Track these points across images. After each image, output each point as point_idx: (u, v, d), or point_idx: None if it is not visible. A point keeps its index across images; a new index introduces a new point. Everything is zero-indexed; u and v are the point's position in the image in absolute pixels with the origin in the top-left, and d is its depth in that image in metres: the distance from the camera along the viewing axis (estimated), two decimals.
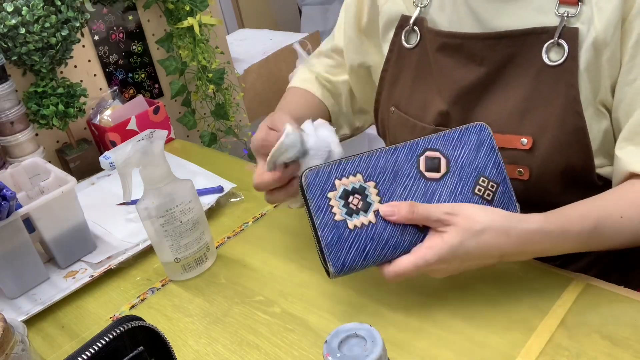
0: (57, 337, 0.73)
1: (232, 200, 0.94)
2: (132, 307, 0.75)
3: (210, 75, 1.34)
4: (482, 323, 0.61)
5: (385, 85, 0.84)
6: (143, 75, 1.32)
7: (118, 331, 0.46)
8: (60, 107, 1.07)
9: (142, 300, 0.76)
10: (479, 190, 0.62)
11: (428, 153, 0.63)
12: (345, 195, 0.60)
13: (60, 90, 1.08)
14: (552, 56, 0.66)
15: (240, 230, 0.86)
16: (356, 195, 0.60)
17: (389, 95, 0.84)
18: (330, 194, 0.59)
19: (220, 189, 0.93)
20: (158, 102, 1.18)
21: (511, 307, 0.62)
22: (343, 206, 0.59)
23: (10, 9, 0.98)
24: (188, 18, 1.26)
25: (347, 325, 0.47)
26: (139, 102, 1.17)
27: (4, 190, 0.72)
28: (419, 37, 0.78)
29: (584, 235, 0.61)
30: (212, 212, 0.91)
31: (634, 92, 0.64)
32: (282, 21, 3.41)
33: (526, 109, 0.69)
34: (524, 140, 0.68)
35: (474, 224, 0.58)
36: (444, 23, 0.76)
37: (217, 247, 0.83)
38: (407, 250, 0.60)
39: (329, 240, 0.58)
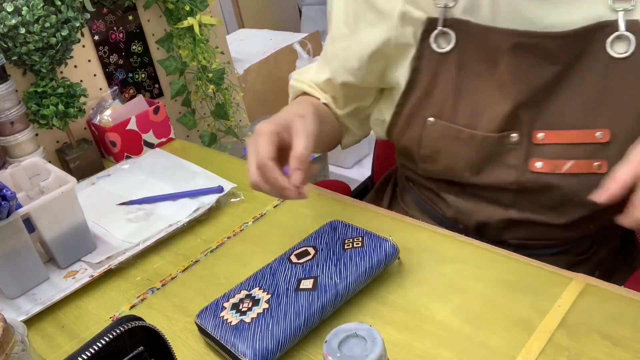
0: (57, 337, 0.73)
1: (232, 200, 0.94)
2: (132, 307, 0.75)
3: (210, 75, 1.34)
4: (482, 323, 0.61)
5: (414, 97, 0.78)
6: (143, 75, 1.32)
7: (118, 331, 0.46)
8: (60, 107, 1.07)
9: (142, 300, 0.76)
10: (347, 245, 0.69)
11: (295, 251, 0.71)
12: (235, 306, 0.65)
13: (60, 90, 1.08)
14: (618, 49, 0.67)
15: (240, 230, 0.86)
16: (245, 301, 0.65)
17: (421, 107, 0.78)
18: (222, 314, 0.64)
19: (220, 189, 0.93)
20: (158, 102, 1.18)
21: (511, 307, 0.62)
22: (235, 313, 0.63)
23: (10, 9, 0.98)
24: (188, 18, 1.26)
25: (347, 325, 0.47)
26: (139, 102, 1.17)
27: (4, 190, 0.72)
28: (454, 40, 0.73)
29: None
30: (212, 212, 0.91)
31: None
32: (282, 21, 3.41)
33: (598, 103, 0.69)
34: (600, 133, 0.69)
35: None
36: (481, 22, 0.72)
37: (217, 247, 0.83)
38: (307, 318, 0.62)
39: (232, 341, 0.60)
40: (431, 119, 0.77)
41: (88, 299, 0.78)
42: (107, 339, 0.45)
